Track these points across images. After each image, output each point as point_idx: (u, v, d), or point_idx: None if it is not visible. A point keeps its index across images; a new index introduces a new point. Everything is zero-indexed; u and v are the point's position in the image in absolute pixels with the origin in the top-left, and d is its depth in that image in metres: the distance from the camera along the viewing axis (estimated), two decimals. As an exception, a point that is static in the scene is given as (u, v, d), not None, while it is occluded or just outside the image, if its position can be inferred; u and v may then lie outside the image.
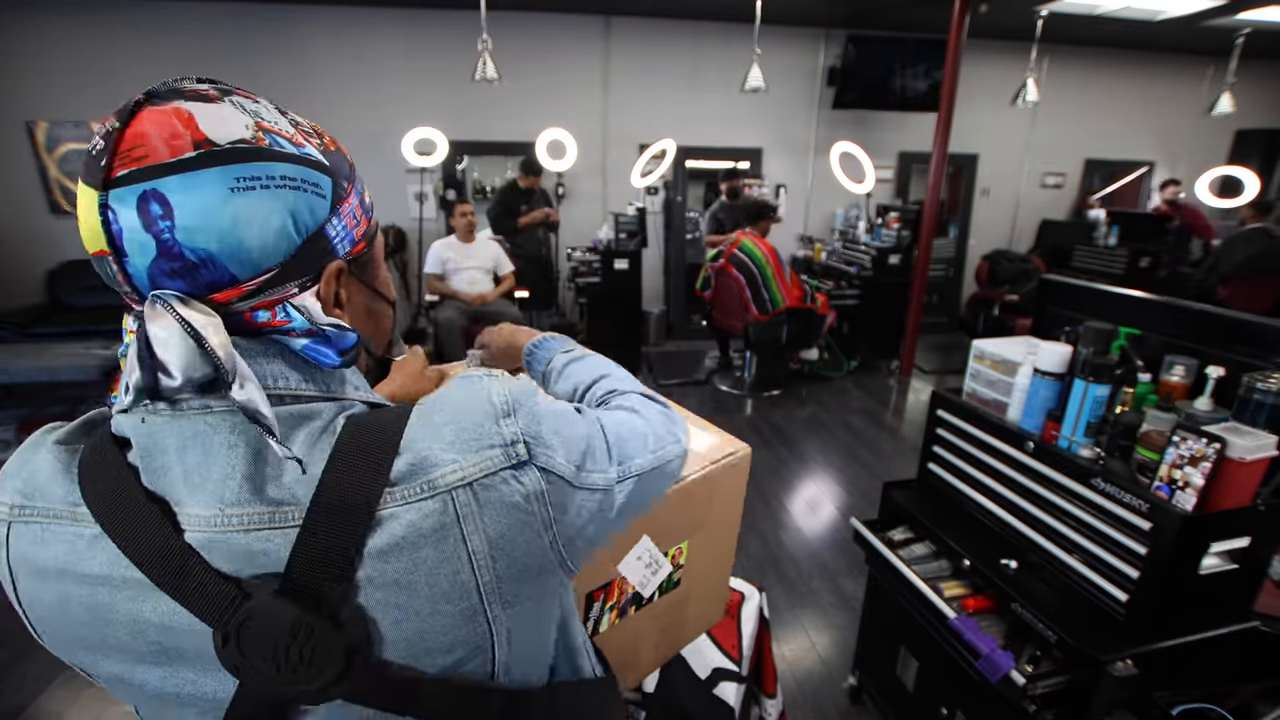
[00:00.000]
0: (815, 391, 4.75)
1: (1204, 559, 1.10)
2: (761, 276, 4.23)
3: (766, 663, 1.39)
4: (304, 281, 0.48)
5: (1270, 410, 1.08)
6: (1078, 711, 1.17)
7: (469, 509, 0.45)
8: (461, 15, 4.93)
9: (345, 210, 0.50)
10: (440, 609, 0.45)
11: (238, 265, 0.44)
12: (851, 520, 1.72)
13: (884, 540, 1.63)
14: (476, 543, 0.45)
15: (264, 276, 0.45)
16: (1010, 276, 5.51)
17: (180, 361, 0.41)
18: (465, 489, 0.45)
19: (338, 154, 0.51)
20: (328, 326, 0.48)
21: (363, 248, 0.53)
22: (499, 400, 0.49)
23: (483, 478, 0.46)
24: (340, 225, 0.50)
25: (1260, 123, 6.55)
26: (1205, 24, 4.89)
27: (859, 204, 5.53)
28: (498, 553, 0.46)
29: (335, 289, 0.51)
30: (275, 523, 0.43)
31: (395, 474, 0.44)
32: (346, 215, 0.50)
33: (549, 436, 0.50)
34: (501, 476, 0.46)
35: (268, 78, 5.07)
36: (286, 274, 0.46)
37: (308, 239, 0.47)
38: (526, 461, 0.48)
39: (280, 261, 0.45)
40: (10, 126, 4.83)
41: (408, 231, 5.53)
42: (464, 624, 0.46)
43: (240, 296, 0.44)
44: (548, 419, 0.51)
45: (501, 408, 0.49)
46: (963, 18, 4.39)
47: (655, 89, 5.60)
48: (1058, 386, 1.29)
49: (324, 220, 0.48)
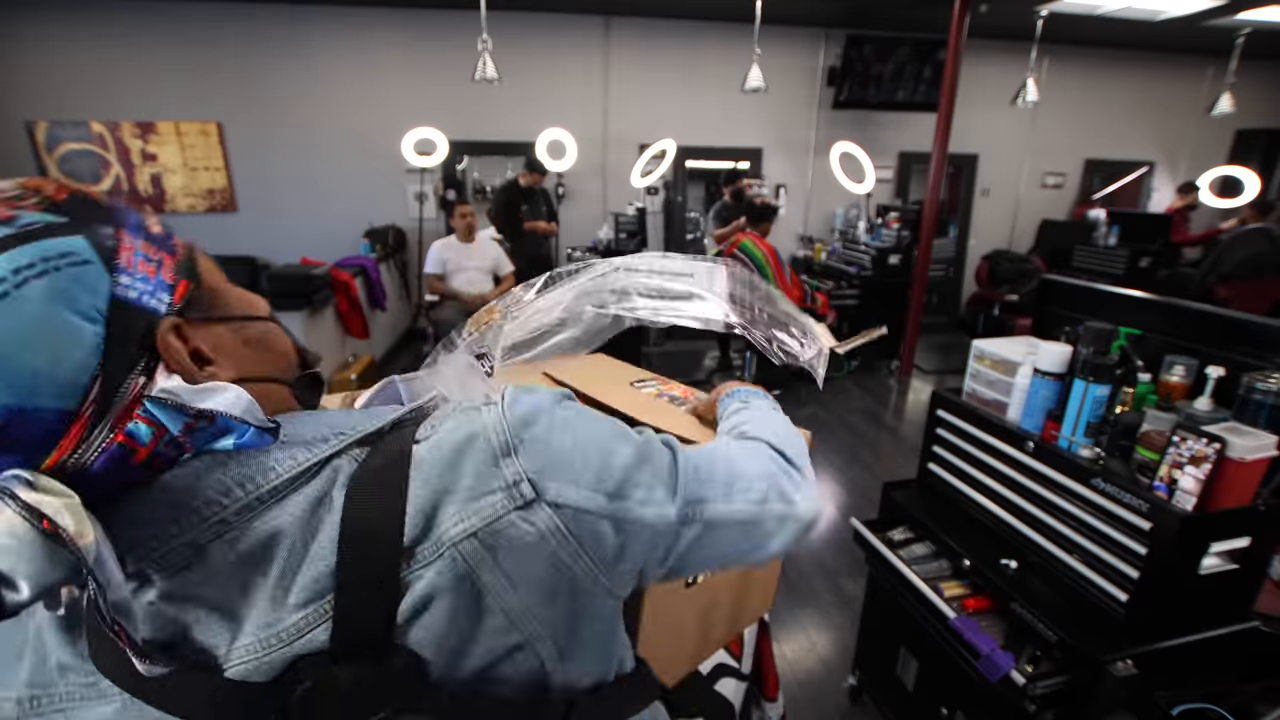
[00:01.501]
0: (815, 391, 4.75)
1: (1204, 559, 1.10)
2: (761, 276, 4.23)
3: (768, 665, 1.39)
4: (145, 367, 0.40)
5: (1270, 410, 1.08)
6: (1078, 711, 1.17)
7: (478, 557, 0.44)
8: (461, 15, 4.94)
9: (130, 259, 0.40)
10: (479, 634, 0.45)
11: (50, 397, 0.35)
12: (851, 520, 1.72)
13: (884, 540, 1.63)
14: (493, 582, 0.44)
15: (93, 391, 0.37)
16: (1010, 276, 5.50)
17: (28, 568, 0.33)
18: (470, 540, 0.43)
19: (78, 200, 0.40)
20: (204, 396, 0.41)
21: (186, 287, 0.44)
22: (497, 439, 0.46)
23: (487, 525, 0.44)
24: (136, 279, 0.40)
25: (1260, 123, 6.55)
26: (1205, 24, 4.90)
27: (859, 204, 5.53)
28: (521, 586, 0.45)
29: (187, 348, 0.43)
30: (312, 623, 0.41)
31: (410, 538, 0.43)
32: (137, 264, 0.40)
33: (560, 468, 0.47)
34: (508, 520, 0.44)
35: (268, 78, 5.07)
36: (115, 373, 0.38)
37: (108, 318, 0.38)
38: (534, 500, 0.45)
39: (98, 363, 0.37)
40: (10, 126, 4.83)
41: (408, 231, 5.53)
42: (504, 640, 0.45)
43: (88, 427, 0.37)
44: (563, 450, 0.48)
45: (500, 447, 0.46)
46: (963, 18, 4.39)
47: (655, 89, 5.60)
48: (1058, 386, 1.29)
49: (109, 288, 0.38)
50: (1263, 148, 6.64)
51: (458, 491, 0.44)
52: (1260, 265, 4.49)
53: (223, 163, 5.21)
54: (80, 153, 4.97)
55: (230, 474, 0.41)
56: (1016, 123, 6.22)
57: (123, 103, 4.93)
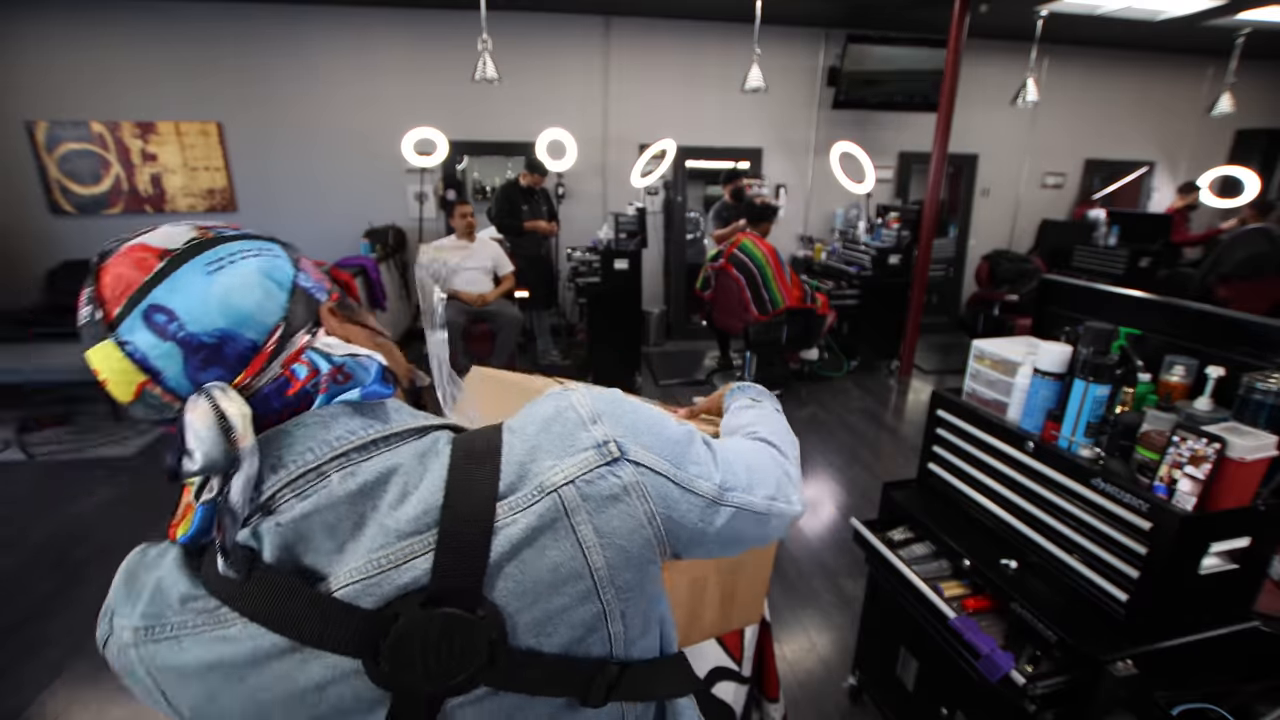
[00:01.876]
0: (815, 391, 4.75)
1: (1204, 559, 1.10)
2: (762, 276, 4.23)
3: (769, 666, 1.39)
4: (310, 327, 0.53)
5: (1270, 410, 1.08)
6: (1078, 711, 1.17)
7: (575, 503, 0.50)
8: (461, 15, 4.94)
9: (305, 265, 0.56)
10: (562, 591, 0.50)
11: (251, 330, 0.48)
12: (851, 520, 1.72)
13: (884, 540, 1.63)
14: (586, 533, 0.50)
15: (277, 332, 0.50)
16: (1010, 276, 5.50)
17: (204, 447, 0.44)
18: (569, 485, 0.50)
19: None
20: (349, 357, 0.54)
21: (337, 296, 0.59)
22: (584, 410, 0.54)
23: (582, 474, 0.51)
24: (308, 277, 0.55)
25: (1260, 123, 6.55)
26: (1205, 24, 4.89)
27: (859, 204, 5.53)
28: (605, 541, 0.51)
29: (338, 327, 0.56)
30: (416, 552, 0.47)
31: (505, 485, 0.50)
32: (308, 269, 0.56)
33: (640, 436, 0.55)
34: (599, 472, 0.52)
35: (268, 78, 5.07)
36: (292, 323, 0.51)
37: (291, 291, 0.52)
38: (619, 458, 0.53)
39: (282, 315, 0.51)
40: (10, 126, 4.83)
41: (408, 231, 5.53)
42: (582, 605, 0.51)
43: (269, 358, 0.49)
44: (635, 422, 0.56)
45: (588, 416, 0.54)
46: (963, 18, 4.39)
47: (655, 89, 5.60)
48: (1058, 386, 1.29)
49: (294, 274, 0.53)
50: (1263, 148, 6.63)
51: (552, 448, 0.52)
52: (1260, 265, 4.49)
53: (223, 163, 5.21)
54: (80, 153, 4.97)
55: (356, 419, 0.51)
56: (1016, 123, 6.22)
57: (123, 103, 4.93)
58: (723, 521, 0.58)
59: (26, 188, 4.94)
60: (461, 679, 0.48)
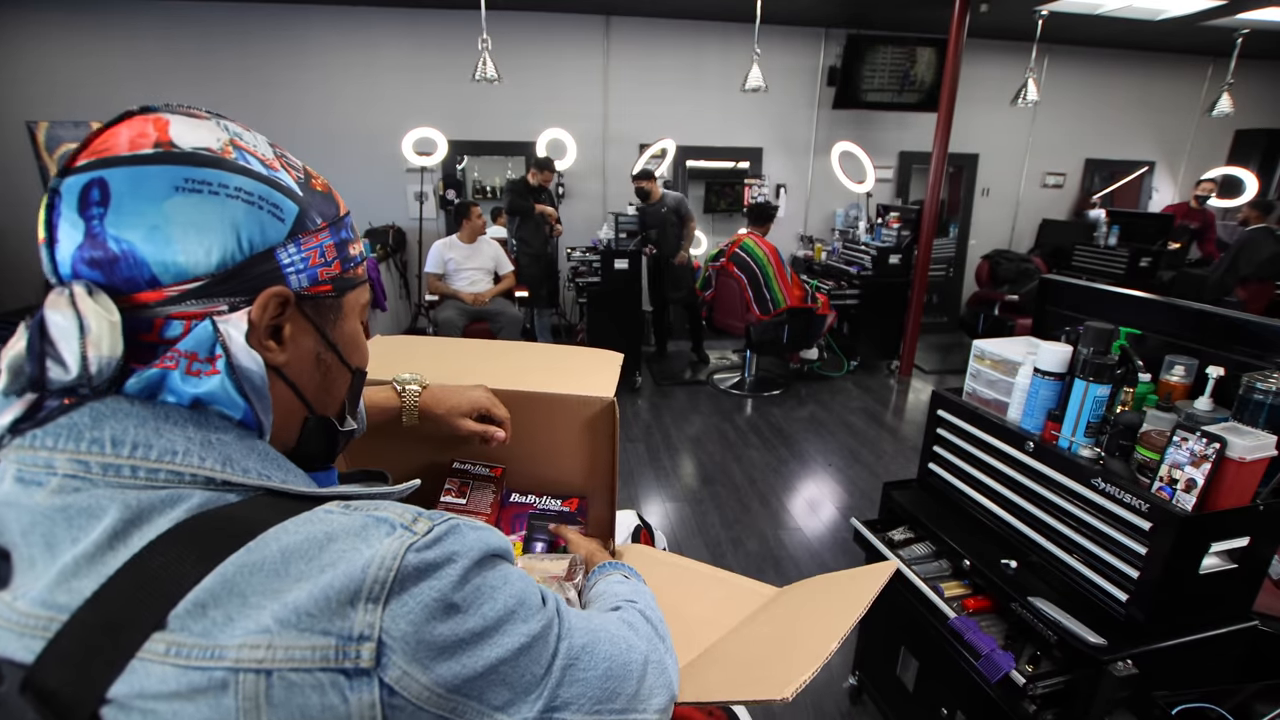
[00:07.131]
0: (815, 391, 4.75)
1: (1204, 559, 1.10)
2: (763, 276, 4.23)
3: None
4: (235, 301, 0.44)
5: (1270, 410, 1.08)
6: (1078, 711, 1.17)
7: (249, 704, 0.34)
8: (461, 15, 4.94)
9: (309, 243, 0.47)
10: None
11: (161, 266, 0.41)
12: (852, 520, 1.72)
13: (884, 540, 1.63)
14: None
15: (189, 285, 0.42)
16: (1010, 276, 5.50)
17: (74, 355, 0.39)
18: (259, 675, 0.35)
19: (324, 196, 0.51)
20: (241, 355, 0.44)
21: (325, 290, 0.49)
22: (379, 571, 0.38)
23: (290, 670, 0.35)
24: (297, 254, 0.47)
25: (1260, 123, 6.55)
26: (1205, 24, 4.89)
27: (859, 204, 5.53)
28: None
29: (273, 318, 0.46)
30: (36, 627, 0.36)
31: (180, 610, 0.35)
32: (310, 249, 0.48)
33: (424, 647, 0.38)
34: (315, 678, 0.35)
35: (268, 78, 5.07)
36: (214, 286, 0.43)
37: (252, 256, 0.44)
38: (368, 670, 0.37)
39: (211, 271, 0.43)
40: (10, 126, 4.83)
41: (408, 231, 5.53)
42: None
43: (160, 301, 0.42)
44: (447, 618, 0.40)
45: (372, 586, 0.38)
46: (963, 18, 4.39)
47: (655, 89, 5.60)
48: (1058, 386, 1.29)
49: (276, 243, 0.45)
50: (1262, 148, 6.63)
51: (289, 604, 0.36)
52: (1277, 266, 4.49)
53: (223, 163, 5.20)
54: (80, 153, 4.96)
55: (144, 426, 0.41)
56: (1016, 123, 6.22)
57: (123, 103, 4.88)
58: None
59: (27, 188, 4.93)
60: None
